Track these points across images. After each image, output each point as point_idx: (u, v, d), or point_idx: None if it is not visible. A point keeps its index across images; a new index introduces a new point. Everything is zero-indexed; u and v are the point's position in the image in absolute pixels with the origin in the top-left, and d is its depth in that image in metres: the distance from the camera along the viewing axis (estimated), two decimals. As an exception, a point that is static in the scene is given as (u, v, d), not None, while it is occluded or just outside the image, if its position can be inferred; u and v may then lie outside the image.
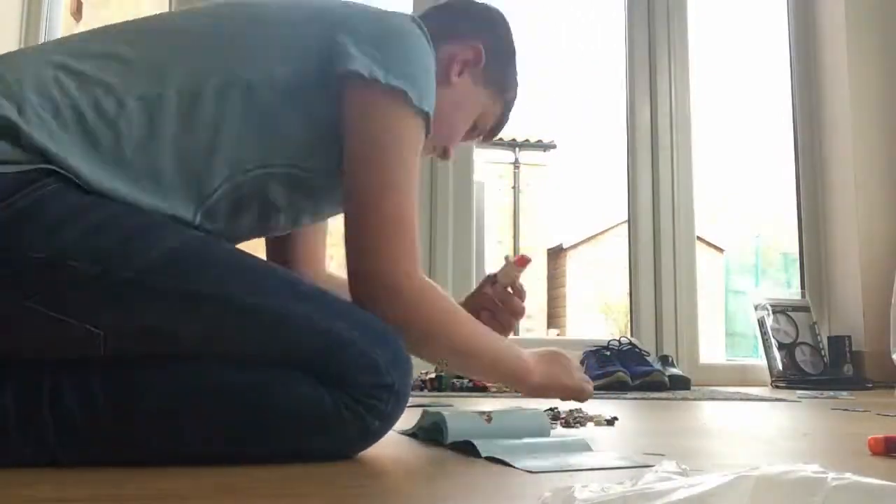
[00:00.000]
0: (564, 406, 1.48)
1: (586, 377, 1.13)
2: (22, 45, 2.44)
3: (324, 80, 0.89)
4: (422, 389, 2.00)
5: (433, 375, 2.06)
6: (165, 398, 0.77)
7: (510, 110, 1.19)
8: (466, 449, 0.88)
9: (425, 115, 0.91)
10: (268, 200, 0.92)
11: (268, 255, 1.18)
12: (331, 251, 1.27)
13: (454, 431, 0.93)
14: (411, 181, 0.89)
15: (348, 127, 0.89)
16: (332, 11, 0.94)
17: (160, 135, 0.83)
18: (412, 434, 1.03)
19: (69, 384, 0.76)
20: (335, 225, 1.09)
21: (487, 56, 1.10)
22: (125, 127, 0.82)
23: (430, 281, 0.92)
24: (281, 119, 0.88)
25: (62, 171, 0.77)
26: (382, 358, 0.80)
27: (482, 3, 1.18)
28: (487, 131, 1.19)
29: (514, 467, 0.77)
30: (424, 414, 1.02)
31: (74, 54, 0.86)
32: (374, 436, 0.82)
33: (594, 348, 2.39)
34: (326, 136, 0.90)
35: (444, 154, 1.16)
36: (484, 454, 0.84)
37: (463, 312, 0.97)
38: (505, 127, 1.22)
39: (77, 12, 5.69)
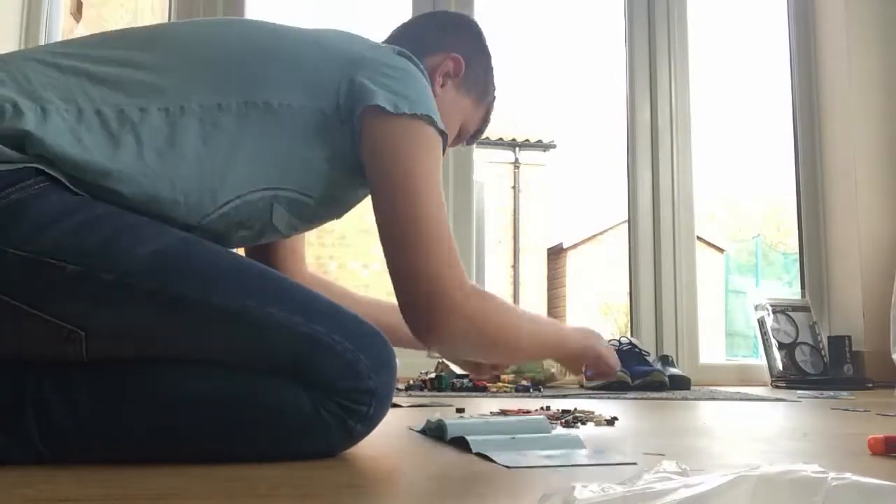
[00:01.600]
0: (559, 406, 1.49)
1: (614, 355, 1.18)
2: (22, 45, 2.44)
3: (341, 116, 0.92)
4: (422, 389, 2.00)
5: (433, 375, 2.06)
6: (146, 402, 0.78)
7: (491, 112, 1.22)
8: (466, 447, 0.88)
9: (444, 135, 0.96)
10: (269, 221, 0.93)
11: (247, 256, 1.18)
12: (331, 251, 1.28)
13: (454, 428, 0.95)
14: (442, 199, 0.93)
15: (377, 160, 0.92)
16: (343, 51, 0.96)
17: (180, 145, 0.84)
18: (422, 431, 1.06)
19: (52, 387, 0.76)
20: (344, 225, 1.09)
21: (467, 62, 1.12)
22: (147, 134, 0.83)
23: (479, 288, 0.94)
24: (299, 147, 0.91)
25: (50, 172, 0.77)
26: (364, 362, 0.80)
27: (450, 13, 1.22)
28: (471, 135, 1.22)
29: (496, 463, 0.78)
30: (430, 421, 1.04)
31: (95, 60, 0.87)
32: (356, 437, 0.82)
33: (594, 348, 2.38)
34: (342, 169, 0.94)
35: None
36: (475, 450, 0.85)
37: (512, 313, 1.01)
38: (486, 130, 1.25)
39: (77, 12, 5.69)
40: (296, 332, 0.79)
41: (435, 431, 1.00)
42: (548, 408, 1.42)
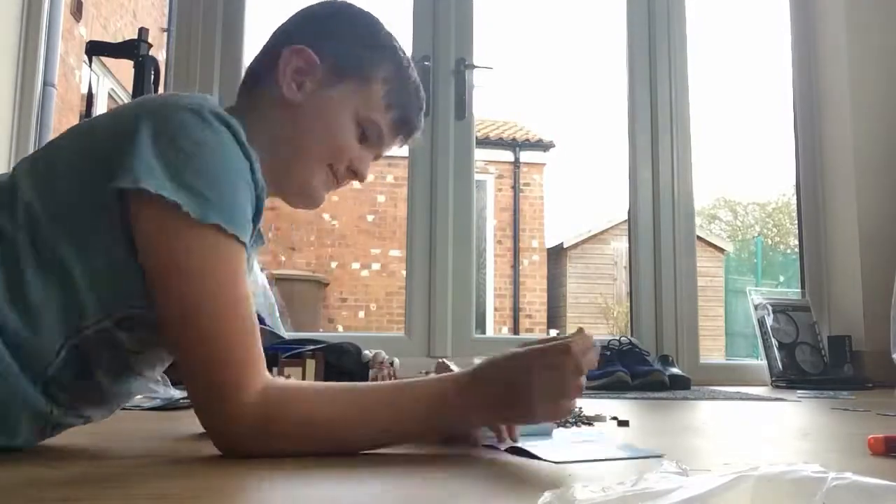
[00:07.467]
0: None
1: (577, 379, 0.78)
2: (22, 45, 2.44)
3: (109, 201, 0.76)
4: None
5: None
6: None
7: (405, 86, 0.97)
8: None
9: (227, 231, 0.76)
10: (117, 347, 0.80)
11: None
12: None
13: None
14: (223, 295, 0.76)
15: (141, 251, 0.77)
16: (123, 116, 0.81)
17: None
18: None
19: None
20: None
21: (320, 49, 0.93)
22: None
23: (276, 382, 0.78)
24: (112, 251, 0.77)
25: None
26: None
27: (288, 19, 0.99)
28: (396, 125, 0.98)
29: (541, 459, 0.78)
30: None
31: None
32: None
33: (594, 348, 2.38)
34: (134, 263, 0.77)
35: (354, 175, 0.98)
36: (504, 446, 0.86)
37: (325, 395, 0.80)
38: (424, 108, 1.00)
39: (77, 12, 5.69)
40: None
41: None
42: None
